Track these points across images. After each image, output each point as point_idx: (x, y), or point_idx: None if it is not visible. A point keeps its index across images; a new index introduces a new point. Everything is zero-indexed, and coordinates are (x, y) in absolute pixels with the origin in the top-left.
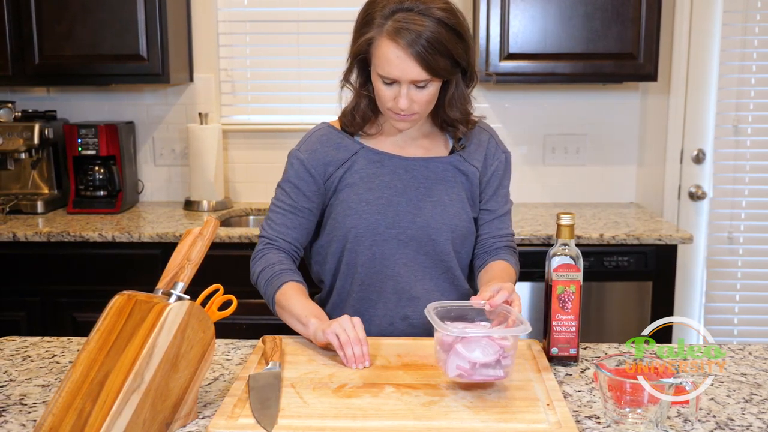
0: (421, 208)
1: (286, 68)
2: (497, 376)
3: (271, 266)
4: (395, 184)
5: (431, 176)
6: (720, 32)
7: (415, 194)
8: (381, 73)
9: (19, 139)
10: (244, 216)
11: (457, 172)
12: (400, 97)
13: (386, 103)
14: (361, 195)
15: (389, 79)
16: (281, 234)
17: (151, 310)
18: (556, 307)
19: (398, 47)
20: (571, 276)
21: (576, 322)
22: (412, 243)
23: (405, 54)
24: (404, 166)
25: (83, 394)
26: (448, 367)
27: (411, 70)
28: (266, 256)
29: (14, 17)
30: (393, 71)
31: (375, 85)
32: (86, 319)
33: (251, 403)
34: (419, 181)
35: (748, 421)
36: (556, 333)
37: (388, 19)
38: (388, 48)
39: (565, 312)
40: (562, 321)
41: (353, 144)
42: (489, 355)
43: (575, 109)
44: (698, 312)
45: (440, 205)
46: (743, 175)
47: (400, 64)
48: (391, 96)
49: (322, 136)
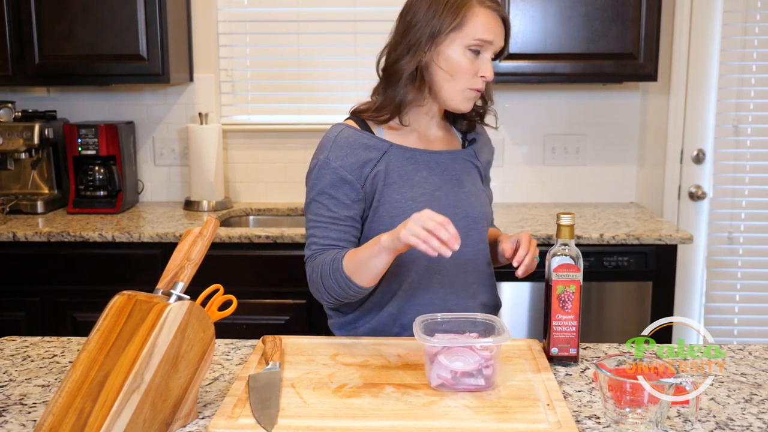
0: (459, 199)
1: (286, 68)
2: (478, 386)
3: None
4: (433, 180)
5: (459, 168)
6: (720, 32)
7: (451, 187)
8: (479, 36)
9: (19, 139)
10: (244, 216)
11: (471, 165)
12: (487, 65)
13: (468, 79)
14: (404, 193)
15: (484, 44)
16: (327, 244)
17: (151, 310)
18: (556, 307)
19: (495, 11)
20: (571, 276)
21: (576, 322)
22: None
23: (499, 18)
24: (435, 161)
25: (83, 394)
26: (431, 377)
27: (501, 36)
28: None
29: (14, 17)
30: (490, 34)
31: (456, 61)
32: (86, 319)
33: (251, 403)
34: (451, 174)
35: (748, 421)
36: (556, 333)
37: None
38: (487, 12)
39: (565, 312)
40: (562, 321)
41: (381, 142)
42: (470, 364)
43: (575, 109)
44: (698, 312)
45: (472, 195)
46: (743, 175)
47: (497, 29)
48: (474, 69)
49: (347, 138)
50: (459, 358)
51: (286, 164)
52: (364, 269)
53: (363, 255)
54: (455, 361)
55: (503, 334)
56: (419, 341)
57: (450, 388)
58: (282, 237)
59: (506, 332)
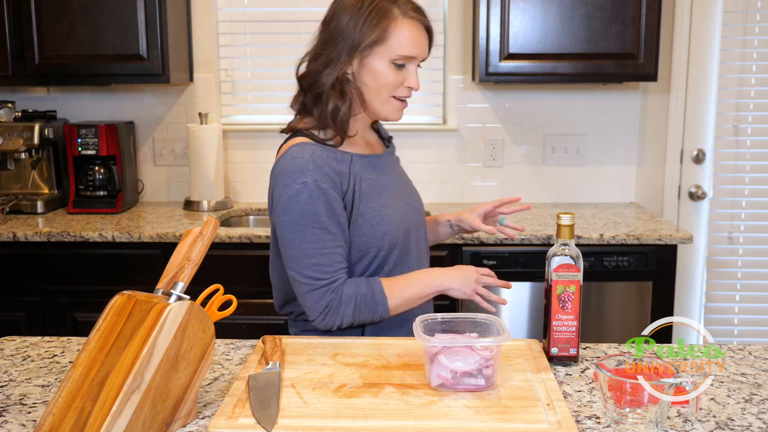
0: (411, 195)
1: (287, 68)
2: (479, 386)
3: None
4: (390, 182)
5: (395, 167)
6: (720, 32)
7: (402, 186)
8: (403, 53)
9: (19, 139)
10: (244, 216)
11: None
12: (412, 76)
13: (393, 90)
14: (376, 200)
15: (406, 59)
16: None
17: (151, 310)
18: (556, 307)
19: (420, 24)
20: (571, 276)
21: (576, 322)
22: (420, 229)
23: (423, 30)
24: (384, 163)
25: (83, 394)
26: (431, 377)
27: (425, 47)
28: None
29: (15, 17)
30: (415, 49)
31: (381, 72)
32: (86, 319)
33: (251, 403)
34: (397, 174)
35: (748, 421)
36: (556, 333)
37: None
38: (411, 26)
39: (565, 312)
40: (562, 321)
41: (343, 154)
42: (470, 364)
43: (575, 109)
44: (698, 312)
45: (413, 189)
46: (743, 175)
47: (421, 42)
48: (400, 81)
49: (320, 157)
50: (459, 358)
51: None
52: (408, 305)
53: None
54: (455, 361)
55: (503, 334)
56: (419, 341)
57: (450, 388)
58: None
59: (506, 332)
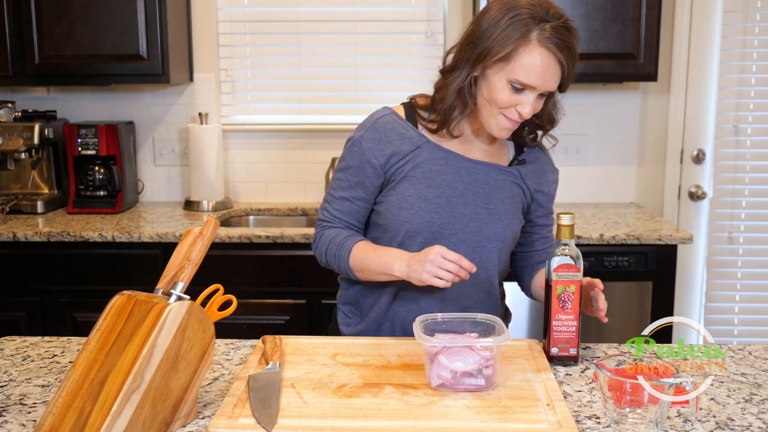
0: (478, 213)
1: (286, 68)
2: (479, 386)
3: (332, 241)
4: (456, 185)
5: (491, 182)
6: (720, 32)
7: (474, 198)
8: (523, 80)
9: (19, 139)
10: (244, 216)
11: (514, 185)
12: (527, 104)
13: (503, 107)
14: (419, 191)
15: (524, 85)
16: (338, 217)
17: (151, 310)
18: (556, 307)
19: (550, 55)
20: (571, 276)
21: (576, 322)
22: (462, 246)
23: (555, 63)
24: (467, 168)
25: (83, 394)
26: (431, 377)
27: (552, 81)
28: (325, 235)
29: (15, 17)
30: (537, 80)
31: (497, 87)
32: (86, 319)
33: (251, 403)
34: (479, 186)
35: (748, 421)
36: (556, 333)
37: (540, 25)
38: (540, 55)
39: (565, 312)
40: (562, 321)
41: (417, 136)
42: (470, 364)
43: (575, 109)
44: (698, 312)
45: (496, 213)
46: (743, 175)
47: (545, 73)
48: (513, 101)
49: (387, 124)
50: (459, 358)
51: (286, 164)
52: (367, 273)
53: (371, 264)
54: (455, 361)
55: (503, 334)
56: (419, 341)
57: (450, 387)
58: (282, 237)
59: (506, 332)
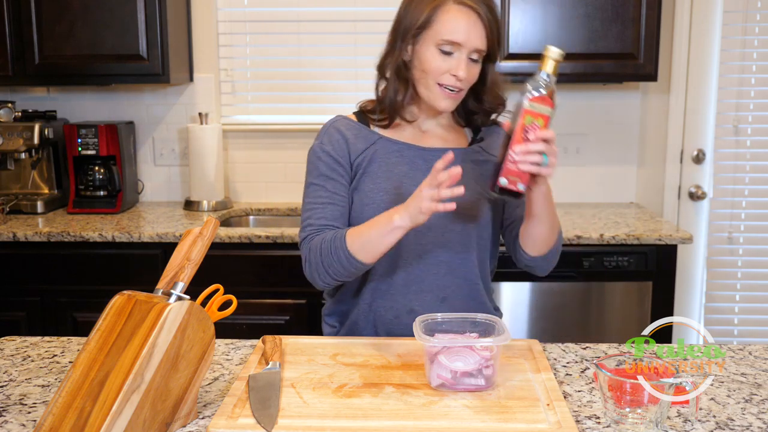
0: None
1: (286, 68)
2: (479, 386)
3: (322, 244)
4: (413, 174)
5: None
6: (720, 32)
7: None
8: (448, 37)
9: (19, 139)
10: (244, 216)
11: (479, 164)
12: (461, 64)
13: (439, 76)
14: (378, 184)
15: (454, 43)
16: (325, 224)
17: (151, 310)
18: (518, 136)
19: (470, 11)
20: (544, 109)
21: None
22: (429, 234)
23: (476, 17)
24: (423, 156)
25: (83, 394)
26: (431, 377)
27: (477, 37)
28: (312, 246)
29: (15, 17)
30: (461, 35)
31: (427, 58)
32: (86, 319)
33: (251, 403)
34: None
35: (748, 421)
36: (510, 163)
37: None
38: (459, 11)
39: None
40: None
41: (371, 134)
42: (470, 364)
43: (575, 109)
44: (698, 312)
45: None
46: (743, 175)
47: (469, 27)
48: (446, 67)
49: (340, 128)
50: (459, 358)
51: (286, 164)
52: (370, 247)
53: (371, 234)
54: (455, 361)
55: (503, 334)
56: (419, 341)
57: (450, 388)
58: (282, 237)
59: (506, 332)
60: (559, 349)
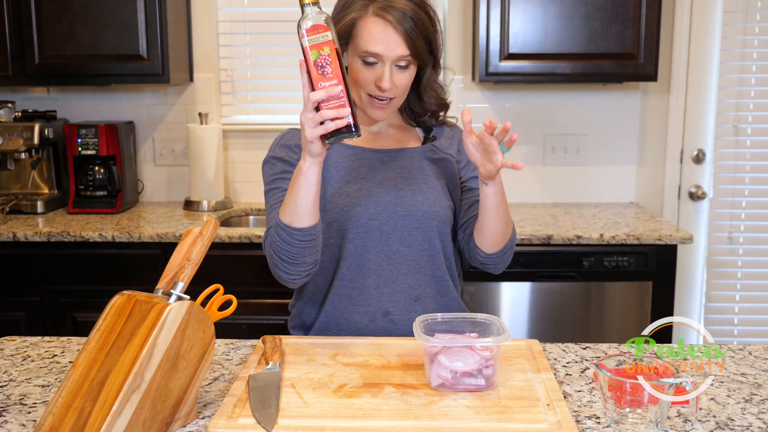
0: (402, 196)
1: (286, 68)
2: (479, 386)
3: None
4: (373, 176)
5: (407, 165)
6: (720, 32)
7: (394, 184)
8: (366, 49)
9: (19, 139)
10: (244, 216)
11: (434, 161)
12: (384, 75)
13: (365, 86)
14: (339, 188)
15: (373, 54)
16: None
17: (151, 310)
18: (316, 75)
19: (386, 23)
20: (322, 37)
21: (341, 86)
22: (395, 233)
23: (393, 29)
24: (379, 158)
25: (83, 394)
26: (431, 377)
27: (396, 47)
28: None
29: (15, 17)
30: (378, 47)
31: (353, 69)
32: (86, 319)
33: (251, 403)
34: (397, 171)
35: (748, 421)
36: (324, 104)
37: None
38: (375, 24)
39: (327, 77)
40: (326, 89)
41: None
42: (470, 364)
43: (575, 109)
44: (698, 312)
45: (420, 192)
46: (743, 175)
47: (386, 39)
48: (371, 78)
49: (291, 138)
50: (459, 358)
51: None
52: (295, 206)
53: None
54: (455, 361)
55: (503, 334)
56: (419, 341)
57: (450, 388)
58: None
59: (506, 332)
60: (559, 349)
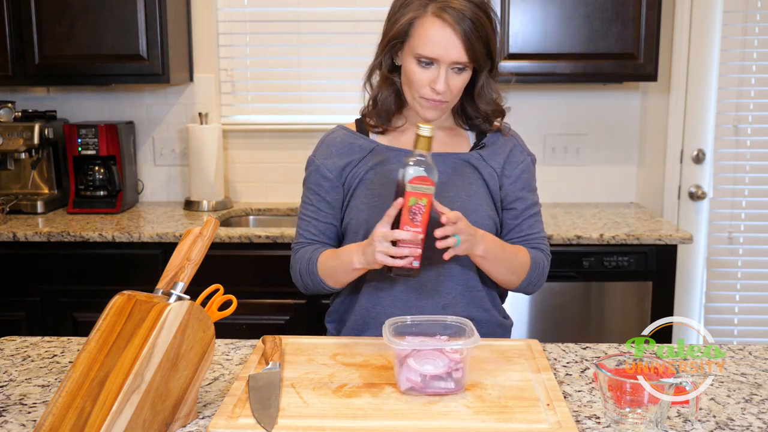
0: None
1: (286, 68)
2: (448, 389)
3: (301, 260)
4: None
5: (448, 171)
6: (720, 32)
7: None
8: (422, 52)
9: (19, 139)
10: (244, 216)
11: (474, 170)
12: (438, 78)
13: (420, 89)
14: (374, 190)
15: (429, 58)
16: (309, 239)
17: (151, 310)
18: (405, 218)
19: (444, 24)
20: (425, 189)
21: (422, 236)
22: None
23: (451, 32)
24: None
25: (83, 394)
26: (400, 381)
27: (454, 50)
28: (296, 258)
29: (15, 17)
30: (436, 49)
31: (408, 69)
32: (86, 319)
33: (251, 403)
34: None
35: (748, 421)
36: (402, 244)
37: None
38: (433, 25)
39: (414, 224)
40: (411, 233)
41: (367, 143)
42: (439, 367)
43: (575, 109)
44: (698, 312)
45: (458, 200)
46: (743, 175)
47: (444, 42)
48: (426, 80)
49: (335, 138)
50: (428, 361)
51: (286, 164)
52: (336, 277)
53: (335, 265)
54: (425, 365)
55: (473, 337)
56: (388, 344)
57: (419, 391)
58: (282, 237)
59: (476, 335)
60: (559, 349)
